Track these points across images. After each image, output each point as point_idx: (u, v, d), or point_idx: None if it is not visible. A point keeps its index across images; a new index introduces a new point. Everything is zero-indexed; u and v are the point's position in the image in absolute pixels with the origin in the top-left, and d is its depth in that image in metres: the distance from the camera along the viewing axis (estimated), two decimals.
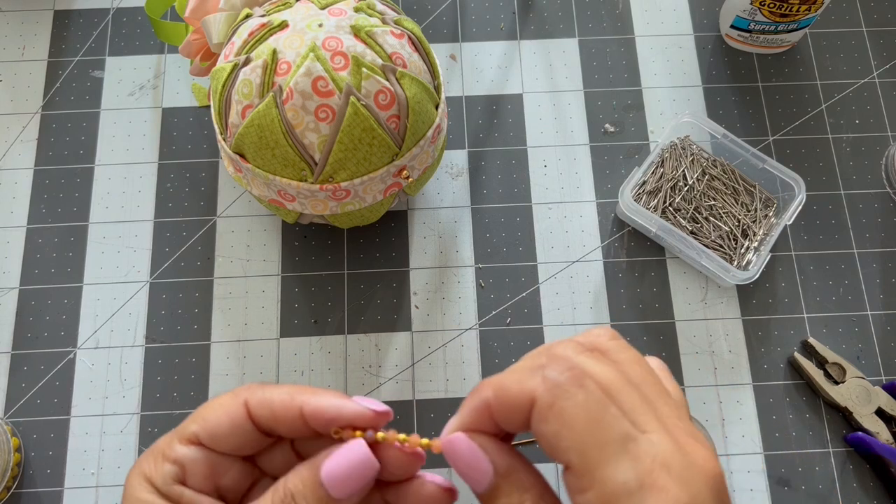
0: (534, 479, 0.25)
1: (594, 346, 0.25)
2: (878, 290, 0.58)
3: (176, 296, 0.57)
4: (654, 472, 0.22)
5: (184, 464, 0.26)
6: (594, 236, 0.59)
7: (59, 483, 0.52)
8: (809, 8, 0.58)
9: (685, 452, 0.22)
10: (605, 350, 0.25)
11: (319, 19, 0.45)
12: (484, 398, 0.25)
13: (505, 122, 0.62)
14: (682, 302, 0.57)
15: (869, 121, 0.62)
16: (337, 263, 0.58)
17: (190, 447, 0.26)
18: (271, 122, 0.44)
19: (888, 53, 0.64)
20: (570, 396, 0.23)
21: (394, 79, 0.45)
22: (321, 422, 0.26)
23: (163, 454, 0.26)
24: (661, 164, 0.58)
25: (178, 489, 0.26)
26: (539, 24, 0.65)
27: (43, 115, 0.62)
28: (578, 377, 0.23)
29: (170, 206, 0.59)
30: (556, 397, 0.23)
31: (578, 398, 0.23)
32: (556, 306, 0.57)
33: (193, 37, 0.53)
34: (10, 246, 0.58)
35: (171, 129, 0.62)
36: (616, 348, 0.25)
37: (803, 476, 0.53)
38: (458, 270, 0.58)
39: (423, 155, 0.50)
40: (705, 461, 0.23)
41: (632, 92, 0.63)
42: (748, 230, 0.57)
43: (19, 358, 0.55)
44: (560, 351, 0.25)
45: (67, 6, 0.65)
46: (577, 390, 0.23)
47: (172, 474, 0.26)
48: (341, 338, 0.56)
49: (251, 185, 0.50)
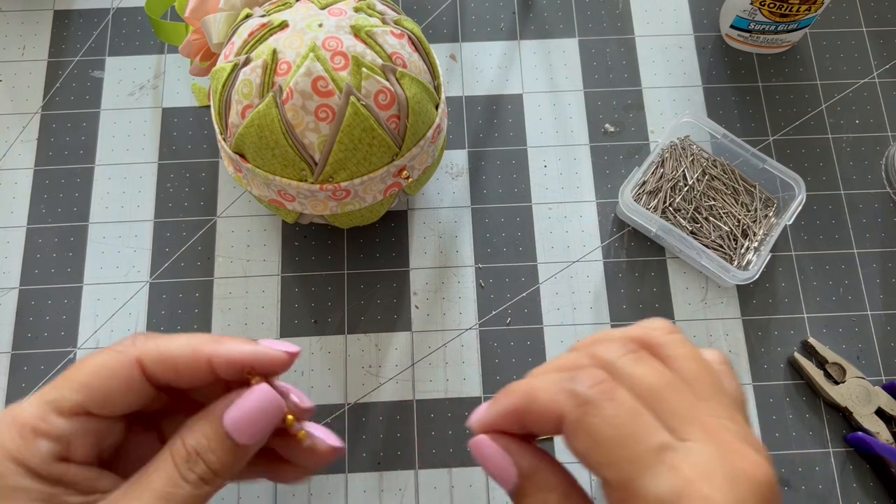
0: (558, 479, 0.25)
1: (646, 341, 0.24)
2: (878, 290, 0.58)
3: (176, 296, 0.57)
4: (694, 481, 0.21)
5: (66, 439, 0.24)
6: (594, 236, 0.59)
7: None
8: (809, 8, 0.58)
9: (732, 458, 0.21)
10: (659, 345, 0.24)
11: (319, 19, 0.46)
12: (514, 405, 0.25)
13: (505, 122, 0.62)
14: (682, 302, 0.57)
15: (869, 121, 0.62)
16: (337, 263, 0.58)
17: (73, 419, 0.24)
18: (271, 122, 0.44)
19: (888, 53, 0.64)
20: (598, 412, 0.22)
21: (394, 79, 0.45)
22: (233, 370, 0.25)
23: (33, 429, 0.23)
24: (661, 164, 0.58)
25: (61, 468, 0.23)
26: (539, 24, 0.65)
27: (43, 115, 0.62)
28: (608, 390, 0.23)
29: (170, 206, 0.59)
30: (584, 413, 0.23)
31: (607, 413, 0.22)
32: (556, 306, 0.57)
33: (193, 37, 0.53)
34: (10, 246, 0.58)
35: (171, 129, 0.62)
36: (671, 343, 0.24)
37: (803, 476, 0.53)
38: (458, 270, 0.58)
39: (423, 155, 0.50)
40: (754, 467, 0.21)
41: (632, 92, 0.63)
42: (748, 230, 0.57)
43: (19, 358, 0.55)
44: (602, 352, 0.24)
45: (67, 6, 0.65)
46: (606, 405, 0.22)
47: (53, 453, 0.23)
48: (341, 338, 0.56)
49: (251, 185, 0.50)
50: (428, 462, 0.53)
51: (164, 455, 0.24)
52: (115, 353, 0.25)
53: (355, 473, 0.53)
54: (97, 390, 0.24)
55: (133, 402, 0.25)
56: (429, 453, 0.53)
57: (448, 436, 0.53)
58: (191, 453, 0.24)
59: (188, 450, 0.24)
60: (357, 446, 0.53)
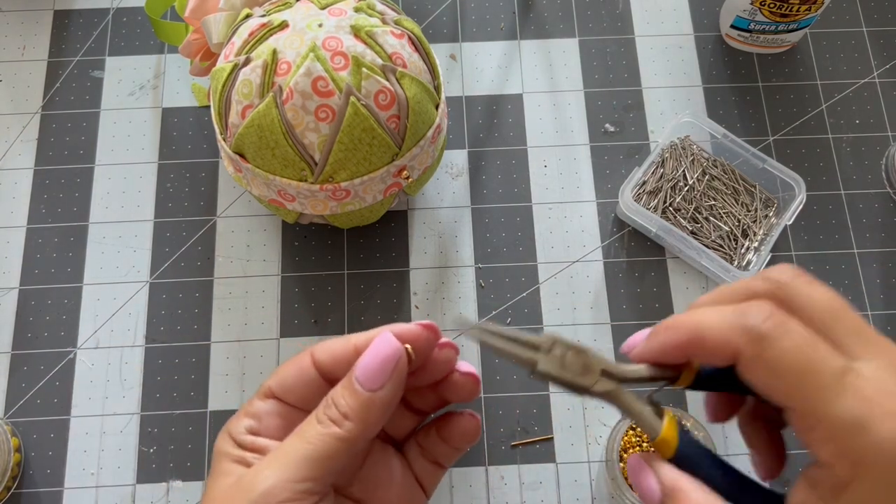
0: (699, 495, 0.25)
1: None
2: (878, 290, 0.58)
3: (176, 296, 0.57)
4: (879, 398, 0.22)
5: (259, 416, 0.28)
6: (594, 236, 0.59)
7: (59, 483, 0.52)
8: (810, 8, 0.58)
9: None
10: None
11: (319, 19, 0.45)
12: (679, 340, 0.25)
13: (505, 122, 0.62)
14: (682, 302, 0.57)
15: (869, 121, 0.62)
16: (337, 263, 0.58)
17: (265, 401, 0.28)
18: (271, 122, 0.44)
19: (888, 53, 0.64)
20: (774, 345, 0.23)
21: (394, 79, 0.45)
22: None
23: (244, 410, 0.28)
24: (661, 164, 0.58)
25: (251, 438, 0.27)
26: (539, 24, 0.65)
27: (43, 115, 0.62)
28: (781, 322, 0.23)
29: (170, 206, 0.59)
30: (761, 349, 0.23)
31: (784, 345, 0.23)
32: (556, 306, 0.57)
33: (193, 37, 0.53)
34: (10, 246, 0.58)
35: (171, 129, 0.62)
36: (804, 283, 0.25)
37: None
38: (458, 270, 0.58)
39: (423, 155, 0.50)
40: None
41: (632, 92, 0.63)
42: (748, 230, 0.57)
43: (19, 358, 0.55)
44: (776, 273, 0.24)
45: (67, 6, 0.65)
46: (781, 337, 0.23)
47: (247, 426, 0.28)
48: None
49: (251, 185, 0.50)
50: None
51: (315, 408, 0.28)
52: (302, 352, 0.29)
53: None
54: (282, 377, 0.28)
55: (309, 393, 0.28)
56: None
57: None
58: (327, 400, 0.27)
59: (326, 399, 0.27)
60: None
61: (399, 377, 0.27)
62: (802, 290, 0.24)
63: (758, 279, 0.25)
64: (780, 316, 0.23)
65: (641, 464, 0.27)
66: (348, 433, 0.26)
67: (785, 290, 0.24)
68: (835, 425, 0.22)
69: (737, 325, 0.24)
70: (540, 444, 0.53)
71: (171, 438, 0.53)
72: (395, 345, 0.27)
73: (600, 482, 0.53)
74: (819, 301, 0.24)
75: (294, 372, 0.28)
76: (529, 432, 0.54)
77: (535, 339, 0.27)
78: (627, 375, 0.27)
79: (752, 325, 0.23)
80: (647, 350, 0.27)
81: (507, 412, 0.54)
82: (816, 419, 0.22)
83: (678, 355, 0.26)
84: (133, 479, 0.52)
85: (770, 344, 0.23)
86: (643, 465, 0.27)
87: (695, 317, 0.25)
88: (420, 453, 0.31)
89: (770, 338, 0.23)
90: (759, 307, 0.24)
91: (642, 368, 0.27)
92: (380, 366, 0.26)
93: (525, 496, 0.52)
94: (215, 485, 0.26)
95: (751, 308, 0.24)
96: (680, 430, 0.27)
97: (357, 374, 0.26)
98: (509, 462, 0.53)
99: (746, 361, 0.24)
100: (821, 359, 0.22)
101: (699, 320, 0.25)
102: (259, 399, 0.29)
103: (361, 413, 0.26)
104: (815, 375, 0.22)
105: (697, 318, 0.25)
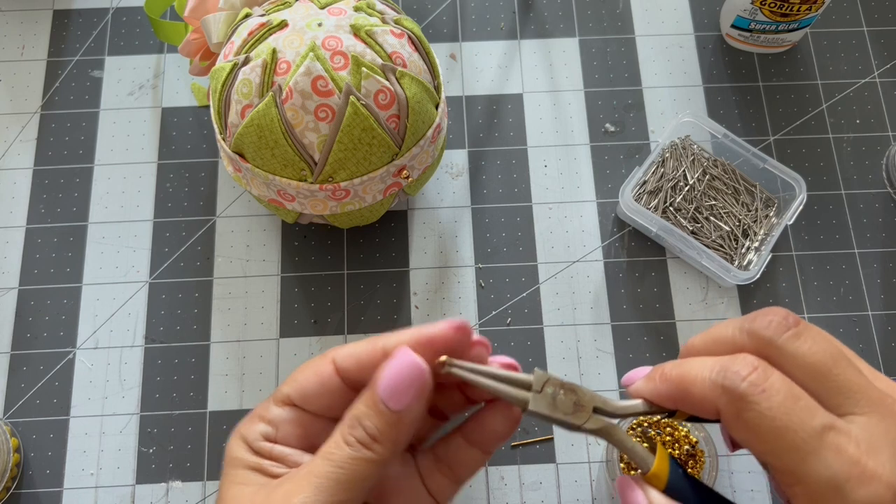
0: None
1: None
2: (878, 290, 0.57)
3: (175, 296, 0.57)
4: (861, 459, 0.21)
5: (276, 423, 0.27)
6: (594, 236, 0.59)
7: (59, 483, 0.52)
8: (810, 7, 0.58)
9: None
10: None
11: (319, 19, 0.45)
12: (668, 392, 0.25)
13: (505, 122, 0.62)
14: (682, 302, 0.57)
15: (870, 120, 0.62)
16: (337, 263, 0.58)
17: (283, 408, 0.27)
18: (271, 121, 0.44)
19: (889, 53, 0.64)
20: (753, 407, 0.22)
21: (394, 78, 0.45)
22: None
23: (259, 415, 0.28)
24: (661, 163, 0.58)
25: (268, 445, 0.27)
26: (539, 24, 0.65)
27: (42, 114, 0.62)
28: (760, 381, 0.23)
29: (169, 206, 0.59)
30: (739, 410, 0.23)
31: (763, 406, 0.22)
32: (557, 306, 0.57)
33: (193, 36, 0.53)
34: (10, 246, 0.58)
35: (170, 128, 0.61)
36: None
37: None
38: (458, 270, 0.58)
39: (423, 155, 0.50)
40: None
41: (632, 92, 0.63)
42: (749, 230, 0.57)
43: (19, 358, 0.55)
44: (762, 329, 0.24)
45: (67, 6, 0.65)
46: (759, 398, 0.22)
47: (264, 432, 0.27)
48: (341, 338, 0.56)
49: (251, 185, 0.50)
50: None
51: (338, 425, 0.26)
52: (320, 356, 0.28)
53: None
54: (300, 384, 0.27)
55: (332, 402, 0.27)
56: None
57: None
58: (352, 419, 0.25)
59: (350, 418, 0.26)
60: None
61: (426, 392, 0.25)
62: (789, 346, 0.23)
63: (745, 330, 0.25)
64: (761, 372, 0.23)
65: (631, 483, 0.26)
66: (379, 456, 0.25)
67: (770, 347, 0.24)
68: (812, 486, 0.21)
69: (717, 384, 0.23)
70: (540, 444, 0.53)
71: (171, 439, 0.53)
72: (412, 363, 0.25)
73: (600, 483, 0.52)
74: (806, 356, 0.23)
75: (314, 380, 0.27)
76: (529, 432, 0.54)
77: (524, 378, 0.27)
78: (620, 411, 0.27)
79: (730, 386, 0.23)
80: (642, 392, 0.27)
81: None
82: (795, 478, 0.22)
83: (670, 404, 0.26)
84: (132, 479, 0.52)
85: (748, 405, 0.23)
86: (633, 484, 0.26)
87: (682, 368, 0.25)
88: (436, 468, 0.29)
89: (748, 399, 0.23)
90: (742, 363, 0.23)
91: (639, 404, 0.27)
92: (405, 384, 0.25)
93: (525, 496, 0.52)
94: (233, 492, 0.26)
95: (734, 363, 0.23)
96: (672, 463, 0.27)
97: (381, 394, 0.25)
98: (509, 462, 0.53)
99: (726, 420, 0.23)
100: (801, 417, 0.22)
101: (685, 373, 0.25)
102: (276, 405, 0.27)
103: (390, 434, 0.25)
104: (794, 435, 0.22)
105: (685, 370, 0.25)
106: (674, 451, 0.50)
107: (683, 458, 0.50)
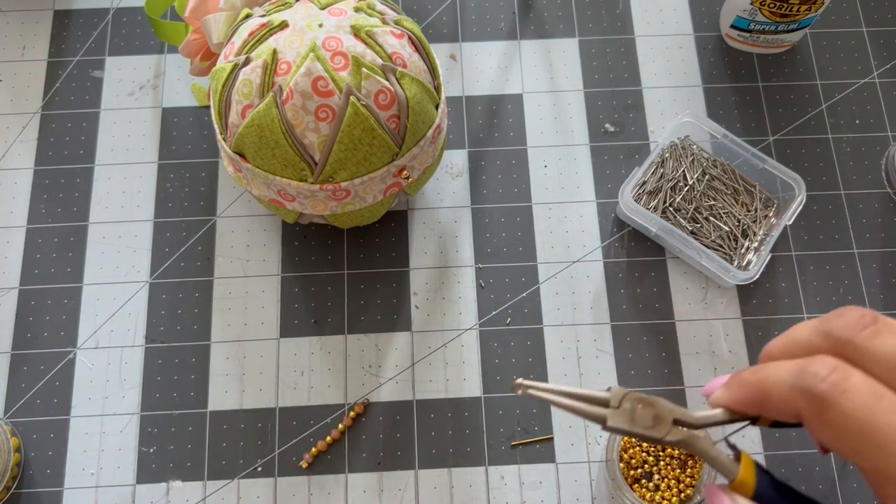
0: None
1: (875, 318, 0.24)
2: (878, 290, 0.58)
3: (176, 296, 0.57)
4: None
5: None
6: (594, 236, 0.59)
7: (59, 483, 0.52)
8: (810, 8, 0.58)
9: None
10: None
11: (319, 19, 0.45)
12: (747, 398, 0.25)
13: (505, 122, 0.62)
14: (682, 302, 0.57)
15: (869, 121, 0.62)
16: (337, 263, 0.58)
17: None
18: (271, 122, 0.44)
19: (888, 53, 0.64)
20: (834, 408, 0.22)
21: (394, 79, 0.45)
22: None
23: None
24: (661, 164, 0.58)
25: None
26: (539, 24, 0.65)
27: (43, 115, 0.62)
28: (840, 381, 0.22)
29: (170, 206, 0.59)
30: (820, 411, 0.22)
31: (844, 406, 0.22)
32: (556, 306, 0.57)
33: (193, 37, 0.53)
34: (10, 246, 0.58)
35: (170, 129, 0.62)
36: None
37: (803, 476, 0.53)
38: (458, 270, 0.58)
39: (423, 155, 0.50)
40: None
41: (632, 92, 0.63)
42: (748, 230, 0.57)
43: (19, 358, 0.55)
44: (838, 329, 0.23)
45: (67, 6, 0.65)
46: (840, 399, 0.22)
47: None
48: (341, 338, 0.56)
49: (251, 185, 0.50)
50: (428, 462, 0.53)
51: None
52: None
53: (355, 473, 0.53)
54: None
55: None
56: (429, 453, 0.53)
57: (448, 436, 0.53)
58: None
59: None
60: (357, 446, 0.53)
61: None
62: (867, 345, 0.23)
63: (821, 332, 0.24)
64: (841, 373, 0.23)
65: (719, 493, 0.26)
66: None
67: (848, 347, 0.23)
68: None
69: (796, 386, 0.23)
70: (540, 444, 0.53)
71: (171, 438, 0.53)
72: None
73: (600, 482, 0.53)
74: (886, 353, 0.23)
75: None
76: (529, 432, 0.54)
77: (601, 395, 0.27)
78: (701, 422, 0.27)
79: (809, 387, 0.23)
80: (721, 400, 0.27)
81: (507, 412, 0.54)
82: (884, 478, 0.22)
83: (750, 409, 0.26)
84: (133, 479, 0.52)
85: (829, 406, 0.22)
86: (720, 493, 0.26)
87: (760, 373, 0.25)
88: None
89: (829, 400, 0.22)
90: (821, 363, 0.23)
91: (719, 413, 0.27)
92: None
93: (525, 496, 0.52)
94: None
95: (812, 365, 0.23)
96: (758, 471, 0.27)
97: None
98: (509, 462, 0.53)
99: (808, 423, 0.23)
100: (885, 416, 0.22)
101: (764, 378, 0.25)
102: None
103: None
104: (878, 434, 0.22)
105: (763, 376, 0.25)
106: (673, 450, 0.50)
107: (683, 458, 0.50)
